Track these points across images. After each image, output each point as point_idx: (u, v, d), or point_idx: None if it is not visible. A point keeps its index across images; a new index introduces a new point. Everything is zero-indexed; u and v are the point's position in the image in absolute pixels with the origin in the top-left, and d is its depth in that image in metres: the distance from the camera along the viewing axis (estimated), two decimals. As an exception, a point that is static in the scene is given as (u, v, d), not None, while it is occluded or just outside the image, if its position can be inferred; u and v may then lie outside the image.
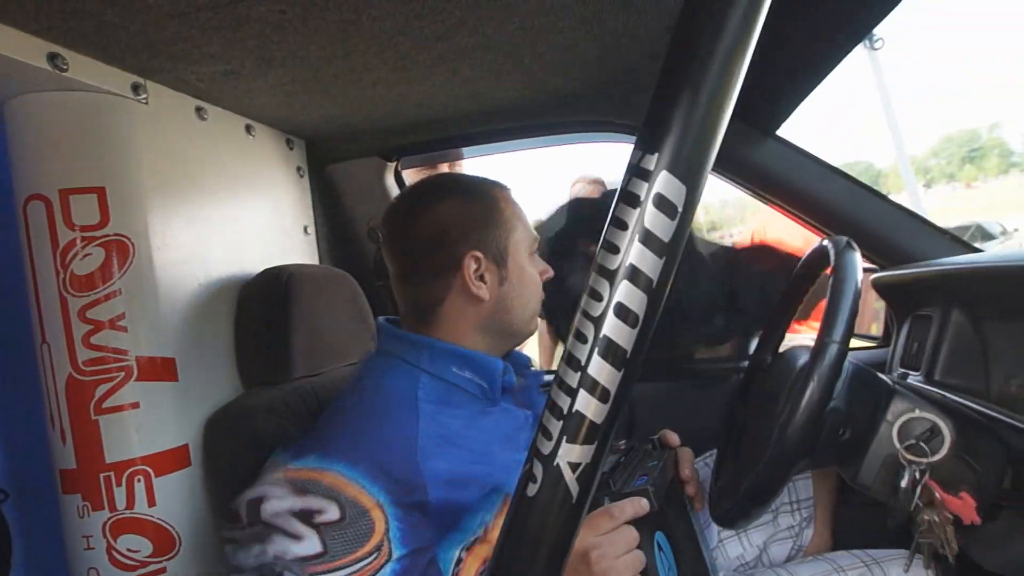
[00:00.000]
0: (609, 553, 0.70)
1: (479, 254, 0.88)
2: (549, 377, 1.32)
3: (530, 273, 0.93)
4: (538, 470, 0.47)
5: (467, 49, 1.01)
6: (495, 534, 0.75)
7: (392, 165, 1.57)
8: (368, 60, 1.00)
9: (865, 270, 1.24)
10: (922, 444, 0.80)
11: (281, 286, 1.07)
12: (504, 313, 0.91)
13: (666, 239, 0.43)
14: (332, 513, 0.70)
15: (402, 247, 0.90)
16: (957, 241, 1.28)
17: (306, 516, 0.70)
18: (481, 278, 0.88)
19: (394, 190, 1.58)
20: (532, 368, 1.01)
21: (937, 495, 0.77)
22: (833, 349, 0.76)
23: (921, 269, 1.15)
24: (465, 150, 1.55)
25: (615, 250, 0.44)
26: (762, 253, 1.64)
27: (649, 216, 0.43)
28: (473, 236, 0.88)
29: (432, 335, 0.89)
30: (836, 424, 0.84)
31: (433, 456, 0.77)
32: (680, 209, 0.43)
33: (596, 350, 0.45)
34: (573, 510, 0.49)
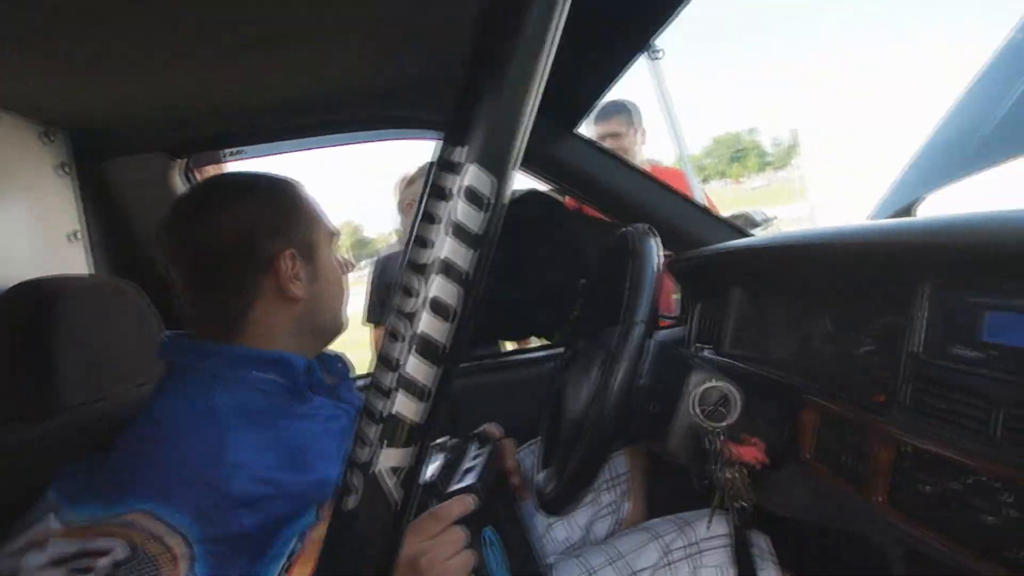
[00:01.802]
0: (439, 556, 0.67)
1: (292, 252, 0.83)
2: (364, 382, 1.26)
3: (335, 267, 0.91)
4: (356, 481, 0.46)
5: (271, 37, 0.91)
6: (317, 547, 0.69)
7: (180, 162, 1.39)
8: (151, 40, 0.86)
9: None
10: (720, 409, 0.87)
11: (37, 302, 0.89)
12: (317, 311, 0.87)
13: (478, 231, 0.43)
14: (120, 552, 0.60)
15: (197, 253, 0.82)
16: (734, 228, 1.43)
17: (89, 558, 0.59)
18: (296, 277, 0.81)
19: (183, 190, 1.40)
20: (345, 366, 0.96)
21: (733, 451, 0.84)
22: (639, 329, 0.80)
23: (706, 253, 1.27)
24: (263, 147, 1.41)
25: (427, 244, 0.43)
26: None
27: (459, 209, 0.42)
28: (284, 234, 0.83)
29: (241, 344, 0.80)
30: (645, 399, 0.89)
31: (241, 473, 0.69)
32: (490, 201, 0.42)
33: (412, 348, 0.43)
34: (397, 518, 0.46)
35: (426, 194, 0.44)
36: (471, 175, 0.41)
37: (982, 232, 0.63)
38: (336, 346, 0.95)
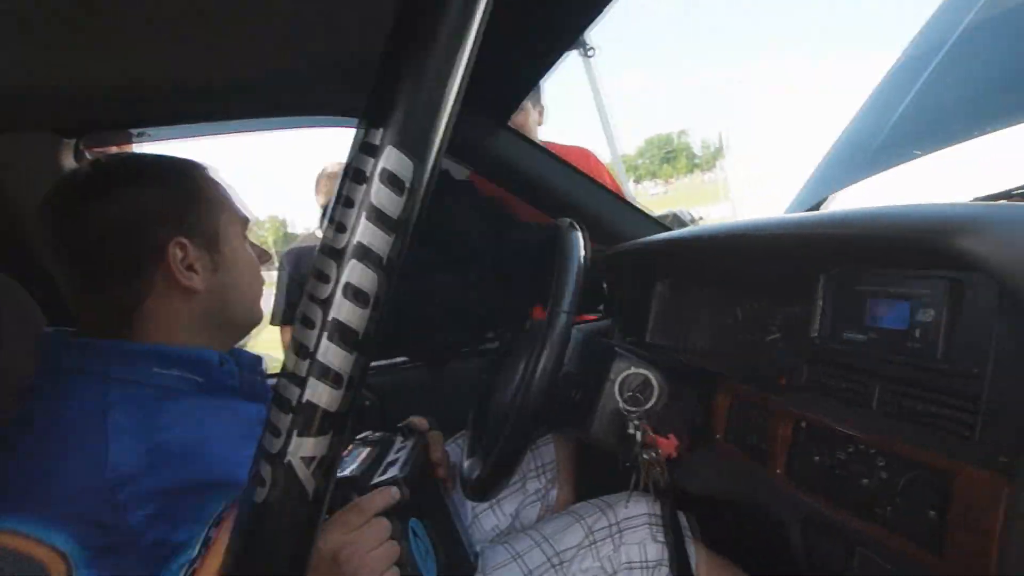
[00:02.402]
0: (360, 549, 0.68)
1: (185, 240, 0.78)
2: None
3: (247, 257, 0.87)
4: (266, 471, 0.44)
5: (181, 13, 0.87)
6: (221, 549, 0.68)
7: (72, 143, 1.29)
8: (34, 10, 0.81)
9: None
10: (638, 395, 0.93)
11: None
12: (225, 304, 0.83)
13: (397, 216, 0.43)
14: None
15: (82, 241, 0.76)
16: (660, 225, 1.49)
17: None
18: (191, 267, 0.79)
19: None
20: (258, 360, 0.93)
21: (651, 436, 0.89)
22: (563, 318, 0.84)
23: (632, 247, 1.33)
24: (167, 129, 1.33)
25: (342, 229, 0.43)
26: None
27: (376, 193, 0.42)
28: (175, 221, 0.79)
29: (134, 341, 0.77)
30: (570, 387, 0.93)
31: (133, 478, 0.66)
32: (408, 185, 0.42)
33: (325, 334, 0.43)
34: (311, 509, 0.46)
35: (343, 177, 0.43)
36: (390, 158, 0.41)
37: (864, 226, 0.71)
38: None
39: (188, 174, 0.83)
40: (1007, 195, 1.00)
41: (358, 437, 0.98)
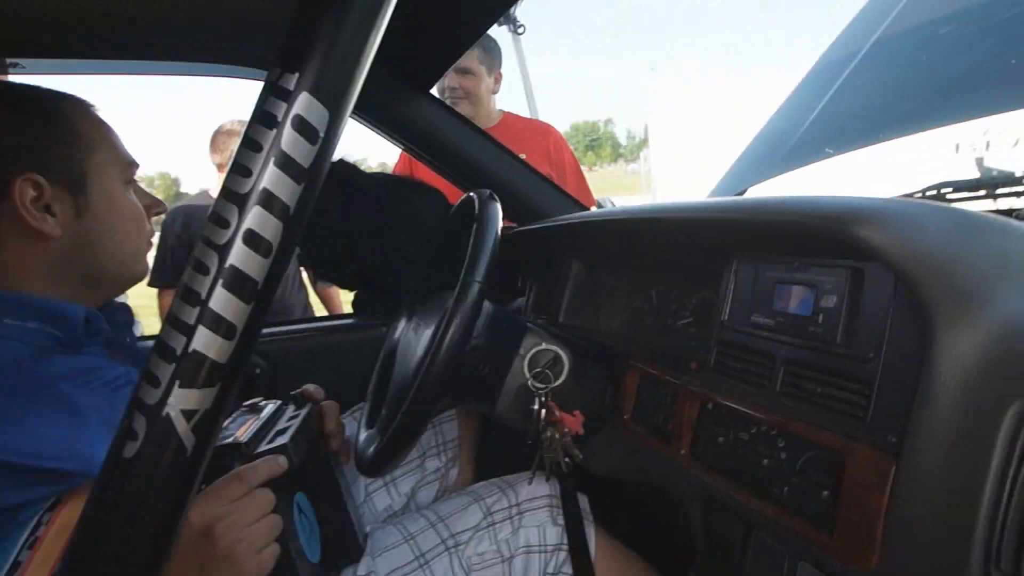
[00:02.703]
0: (238, 522, 0.63)
1: (39, 178, 0.71)
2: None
3: (126, 205, 0.79)
4: (140, 424, 0.42)
5: None
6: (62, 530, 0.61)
7: None
8: None
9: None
10: (548, 372, 0.92)
11: None
12: (89, 253, 0.76)
13: (305, 164, 0.41)
14: None
15: None
16: (577, 204, 1.50)
17: None
18: (46, 209, 0.71)
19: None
20: (129, 316, 0.86)
21: (557, 414, 0.89)
22: (475, 287, 0.81)
23: (548, 225, 1.32)
24: (46, 63, 1.21)
25: (247, 173, 0.41)
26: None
27: (287, 139, 0.40)
28: (28, 155, 0.71)
29: None
30: (477, 360, 0.91)
31: None
32: (322, 135, 0.41)
33: (220, 282, 0.41)
34: (188, 466, 0.43)
35: (250, 120, 0.41)
36: (304, 105, 0.40)
37: (773, 212, 0.72)
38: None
39: (56, 107, 0.75)
40: (925, 194, 1.05)
41: (245, 404, 0.92)
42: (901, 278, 0.56)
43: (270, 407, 0.90)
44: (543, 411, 0.91)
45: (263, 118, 0.40)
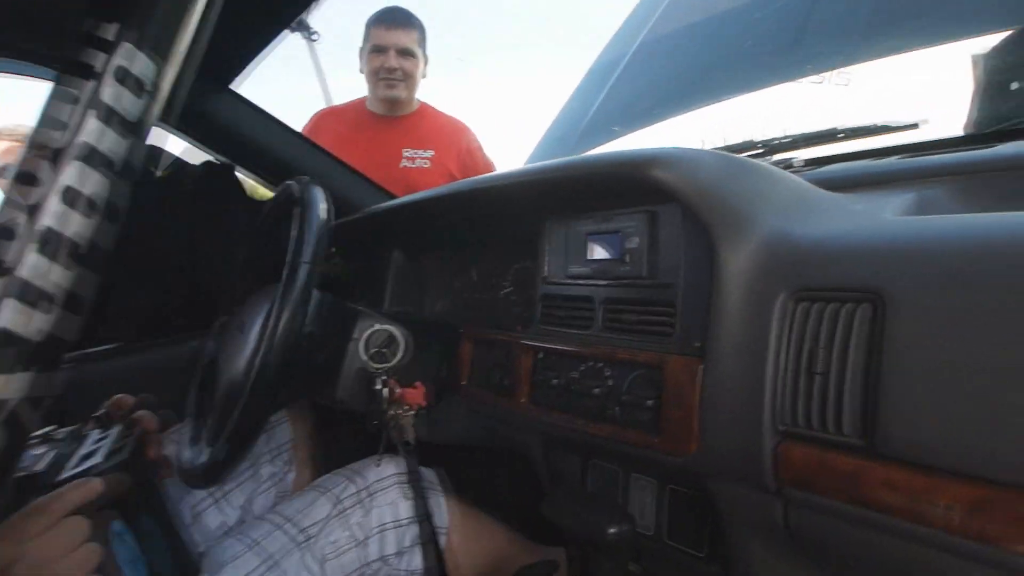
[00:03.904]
0: (42, 560, 0.57)
1: None
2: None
3: None
4: None
5: None
6: None
7: None
8: None
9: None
10: (384, 351, 0.94)
11: None
12: None
13: (133, 117, 0.40)
14: None
15: None
16: (390, 195, 1.52)
17: None
18: None
19: None
20: None
21: (398, 391, 0.91)
22: (304, 270, 0.81)
23: (364, 215, 1.34)
24: None
25: (62, 126, 0.39)
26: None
27: (109, 90, 0.39)
28: None
29: None
30: (311, 348, 0.91)
31: None
32: (148, 87, 0.40)
33: (33, 246, 0.37)
34: None
35: (62, 73, 0.39)
36: (127, 55, 0.38)
37: (577, 166, 0.82)
38: None
39: None
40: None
41: (35, 435, 0.81)
42: (688, 209, 0.68)
43: (69, 434, 0.81)
44: (385, 390, 0.93)
45: (79, 69, 0.39)
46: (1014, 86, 1.20)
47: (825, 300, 0.58)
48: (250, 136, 1.36)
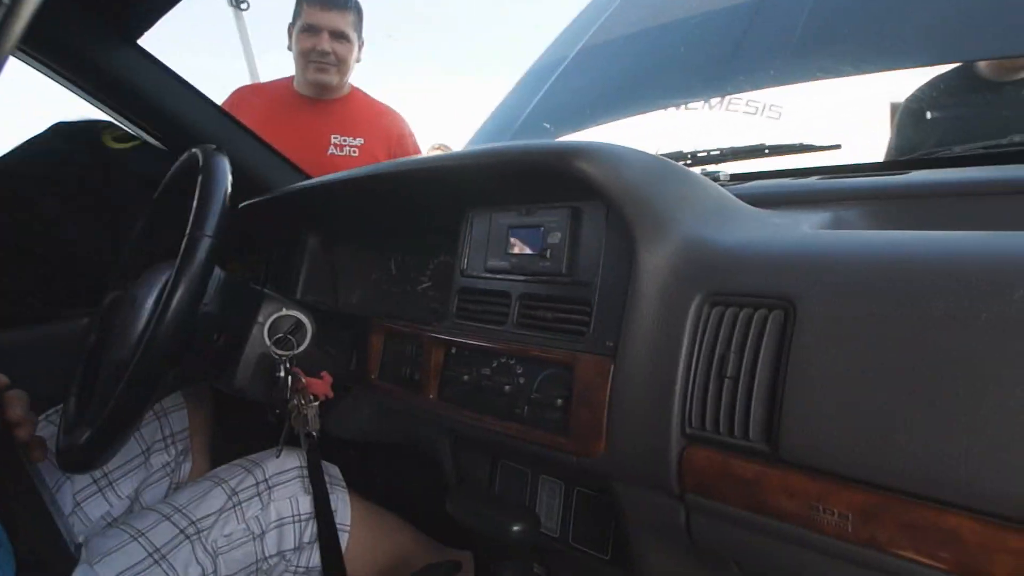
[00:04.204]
0: None
1: None
2: None
3: None
4: None
5: None
6: None
7: None
8: None
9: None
10: (289, 337, 0.89)
11: None
12: None
13: None
14: None
15: None
16: (304, 174, 1.46)
17: None
18: None
19: None
20: None
21: (302, 380, 0.87)
22: (205, 243, 0.76)
23: (277, 196, 1.27)
24: None
25: None
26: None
27: None
28: None
29: None
30: (210, 328, 0.85)
31: None
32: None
33: None
34: None
35: None
36: None
37: (499, 154, 0.80)
38: None
39: None
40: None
41: None
42: (610, 206, 0.68)
43: None
44: (288, 378, 0.88)
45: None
46: (928, 116, 1.27)
47: (739, 305, 0.58)
48: (155, 97, 1.26)
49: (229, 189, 0.83)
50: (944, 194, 0.79)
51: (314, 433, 0.90)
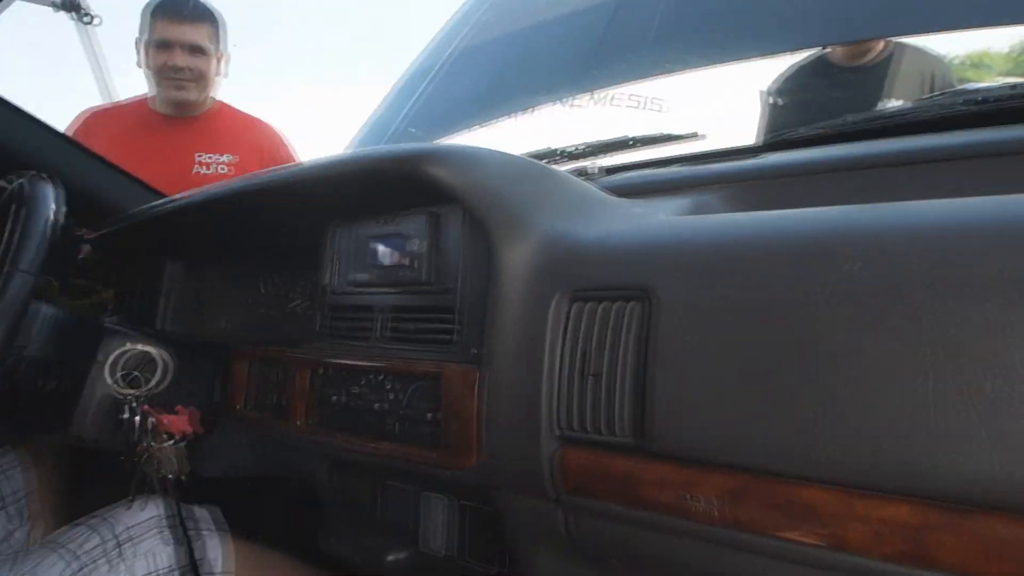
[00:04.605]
0: None
1: None
2: None
3: None
4: None
5: None
6: None
7: None
8: None
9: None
10: (137, 375, 0.81)
11: None
12: None
13: None
14: None
15: None
16: (158, 194, 1.35)
17: None
18: None
19: None
20: None
21: (152, 419, 0.79)
22: (19, 279, 0.67)
23: (130, 220, 1.17)
24: None
25: None
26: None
27: None
28: None
29: None
30: (35, 374, 0.76)
31: None
32: None
33: None
34: None
35: None
36: None
37: (352, 162, 0.76)
38: None
39: None
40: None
41: None
42: (467, 208, 0.65)
43: None
44: (136, 419, 0.80)
45: None
46: (785, 102, 1.34)
47: (598, 300, 0.57)
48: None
49: (53, 219, 0.75)
50: (793, 174, 0.83)
51: (171, 475, 0.82)
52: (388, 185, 0.74)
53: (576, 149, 1.14)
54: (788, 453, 0.46)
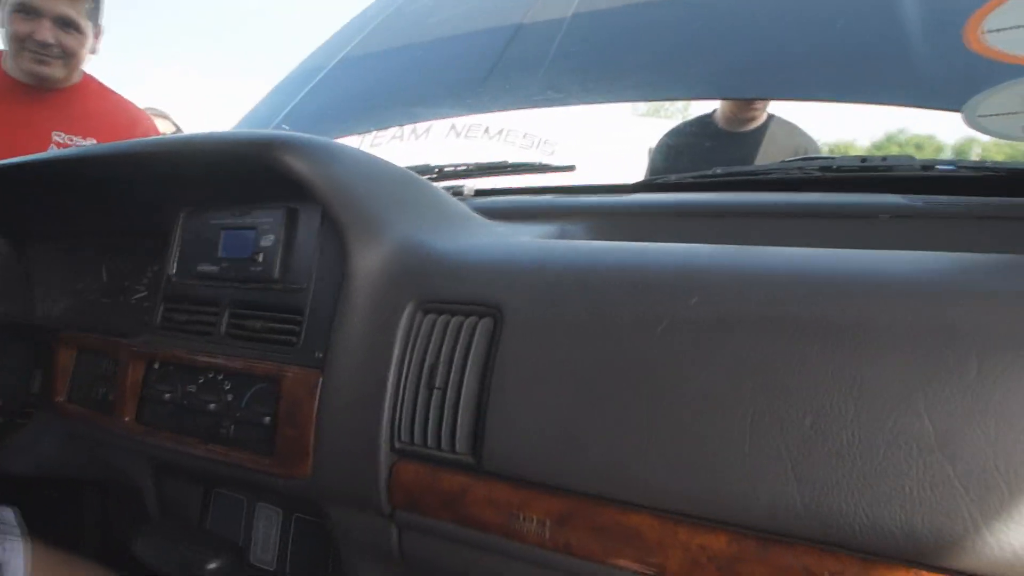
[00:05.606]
0: None
1: None
2: None
3: None
4: None
5: None
6: None
7: None
8: None
9: None
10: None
11: None
12: None
13: None
14: None
15: None
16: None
17: None
18: None
19: None
20: None
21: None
22: None
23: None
24: None
25: None
26: None
27: None
28: None
29: None
30: None
31: None
32: None
33: None
34: None
35: None
36: None
37: (204, 143, 0.70)
38: None
39: None
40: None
41: None
42: (323, 205, 0.62)
43: None
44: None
45: None
46: (669, 153, 1.41)
47: (450, 312, 0.55)
48: None
49: None
50: (658, 214, 0.86)
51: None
52: (246, 174, 0.69)
53: (453, 168, 1.13)
54: (616, 478, 0.46)
